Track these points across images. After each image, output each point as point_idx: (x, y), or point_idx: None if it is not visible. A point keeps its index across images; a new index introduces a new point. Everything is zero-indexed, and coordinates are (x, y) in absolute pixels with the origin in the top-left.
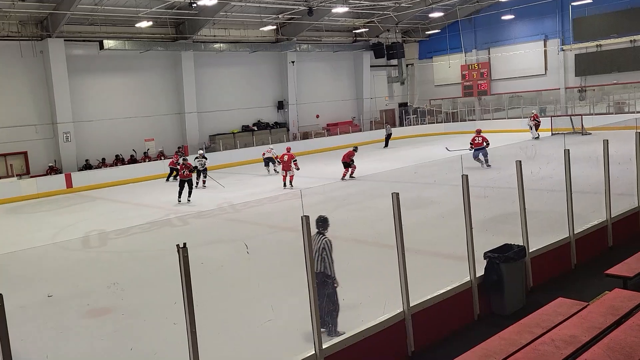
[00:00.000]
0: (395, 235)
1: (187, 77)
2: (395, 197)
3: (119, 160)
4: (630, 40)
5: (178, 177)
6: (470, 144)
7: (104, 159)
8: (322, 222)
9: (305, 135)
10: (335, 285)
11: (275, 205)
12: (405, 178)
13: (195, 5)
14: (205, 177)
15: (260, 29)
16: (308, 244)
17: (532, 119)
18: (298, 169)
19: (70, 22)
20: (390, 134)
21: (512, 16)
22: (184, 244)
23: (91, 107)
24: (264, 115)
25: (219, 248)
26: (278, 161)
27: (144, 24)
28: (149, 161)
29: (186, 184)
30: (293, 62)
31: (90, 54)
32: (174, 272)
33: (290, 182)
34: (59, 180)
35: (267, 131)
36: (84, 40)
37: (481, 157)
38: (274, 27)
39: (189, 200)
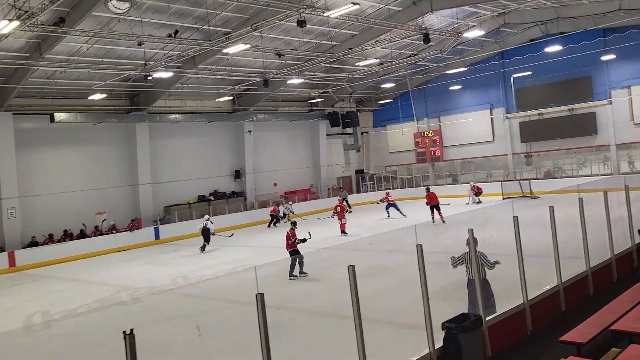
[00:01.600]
0: (352, 309)
1: (142, 148)
2: (352, 270)
3: (67, 236)
4: (569, 109)
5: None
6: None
7: (51, 235)
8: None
9: (263, 204)
10: (499, 262)
11: (231, 279)
12: (360, 245)
13: (150, 77)
14: (208, 242)
15: (217, 99)
16: (263, 323)
17: (472, 188)
18: (350, 212)
19: (19, 95)
20: (346, 197)
21: (459, 87)
22: (131, 330)
23: (40, 181)
24: (221, 184)
25: (171, 327)
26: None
27: (97, 97)
28: (99, 235)
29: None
30: (250, 131)
31: (40, 127)
32: (122, 357)
33: (344, 230)
34: (0, 259)
35: (224, 201)
36: (33, 114)
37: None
38: (231, 97)
39: (304, 274)
